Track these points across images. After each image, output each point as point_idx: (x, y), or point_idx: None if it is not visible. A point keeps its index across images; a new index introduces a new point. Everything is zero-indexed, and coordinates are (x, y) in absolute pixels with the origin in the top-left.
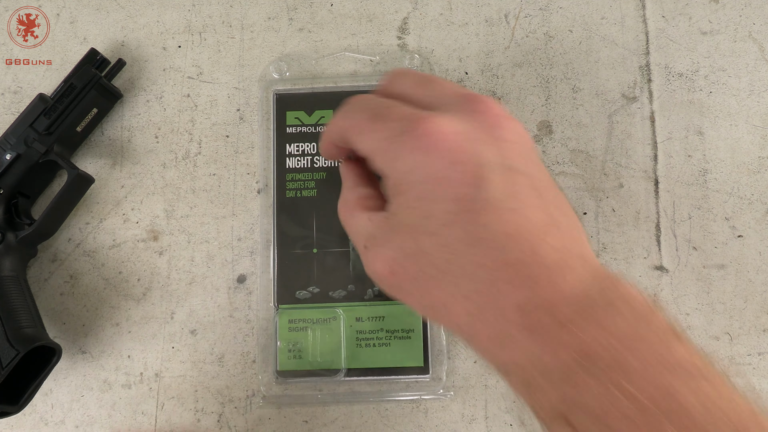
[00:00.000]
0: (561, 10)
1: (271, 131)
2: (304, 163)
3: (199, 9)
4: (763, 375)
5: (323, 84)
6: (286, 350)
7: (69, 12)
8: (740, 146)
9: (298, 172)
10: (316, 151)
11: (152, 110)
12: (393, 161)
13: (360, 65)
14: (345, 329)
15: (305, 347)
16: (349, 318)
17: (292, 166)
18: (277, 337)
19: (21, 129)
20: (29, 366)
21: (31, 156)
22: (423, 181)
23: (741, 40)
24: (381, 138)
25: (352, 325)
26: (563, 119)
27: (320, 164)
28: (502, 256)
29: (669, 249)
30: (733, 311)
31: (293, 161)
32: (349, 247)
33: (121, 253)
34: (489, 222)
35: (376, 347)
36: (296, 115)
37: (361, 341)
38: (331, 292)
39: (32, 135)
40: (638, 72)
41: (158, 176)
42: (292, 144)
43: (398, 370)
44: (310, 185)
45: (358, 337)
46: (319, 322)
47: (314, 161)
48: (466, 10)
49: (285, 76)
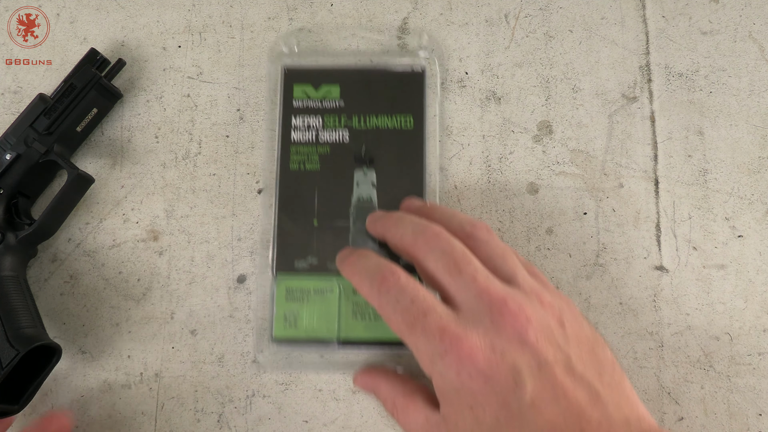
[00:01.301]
0: (561, 10)
1: (278, 105)
2: (309, 137)
3: (199, 9)
4: (763, 375)
5: (332, 60)
6: (282, 318)
7: (69, 12)
8: (740, 146)
9: (302, 145)
10: (321, 125)
11: (152, 110)
12: (438, 374)
13: (371, 44)
14: (341, 301)
15: (301, 316)
16: (347, 290)
17: (297, 140)
18: (273, 305)
19: (21, 129)
20: (29, 366)
21: (31, 156)
22: (470, 394)
23: (741, 40)
24: (423, 350)
25: (349, 297)
26: (563, 119)
27: (324, 139)
28: None
29: (669, 249)
30: (733, 311)
31: (298, 134)
32: (349, 221)
33: (121, 253)
34: (534, 417)
35: (371, 320)
36: (303, 88)
37: (357, 313)
38: (329, 263)
39: (32, 135)
40: (638, 72)
41: (158, 176)
42: (297, 117)
43: (392, 344)
44: (314, 159)
45: (354, 309)
46: (317, 293)
47: (319, 136)
48: (466, 10)
49: (294, 51)
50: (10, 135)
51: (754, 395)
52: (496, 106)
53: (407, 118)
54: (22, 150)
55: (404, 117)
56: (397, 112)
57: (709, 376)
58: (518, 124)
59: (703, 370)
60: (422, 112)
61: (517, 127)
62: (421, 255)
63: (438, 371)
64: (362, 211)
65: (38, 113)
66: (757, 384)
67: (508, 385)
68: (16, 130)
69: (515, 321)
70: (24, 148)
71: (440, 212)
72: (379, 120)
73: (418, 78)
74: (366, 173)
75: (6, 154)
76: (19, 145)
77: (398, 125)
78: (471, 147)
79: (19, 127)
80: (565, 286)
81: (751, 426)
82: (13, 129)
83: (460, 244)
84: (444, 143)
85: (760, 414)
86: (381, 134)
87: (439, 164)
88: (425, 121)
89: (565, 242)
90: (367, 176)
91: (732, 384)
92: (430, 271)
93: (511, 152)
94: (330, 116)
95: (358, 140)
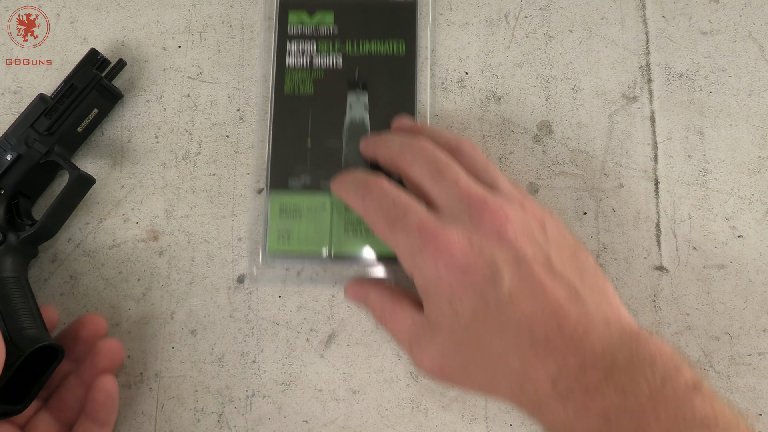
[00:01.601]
0: (561, 10)
1: (273, 31)
2: (303, 62)
3: (199, 9)
4: (763, 375)
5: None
6: (275, 233)
7: (69, 12)
8: (740, 146)
9: (297, 70)
10: (315, 50)
11: (152, 110)
12: (417, 269)
13: None
14: (334, 217)
15: (294, 231)
16: (339, 207)
17: (292, 64)
18: (268, 220)
19: (21, 129)
20: (32, 366)
21: (31, 156)
22: (448, 287)
23: (741, 40)
24: (402, 247)
25: (341, 214)
26: (563, 119)
27: (318, 64)
28: (528, 337)
29: (669, 249)
30: (733, 311)
31: (293, 59)
32: (342, 142)
33: (121, 253)
34: (511, 311)
35: (363, 236)
36: (298, 15)
37: (349, 229)
38: (322, 182)
39: (33, 136)
40: (638, 72)
41: (158, 176)
42: (292, 42)
43: (383, 259)
44: (308, 83)
45: (346, 225)
46: (309, 210)
47: (313, 61)
48: (466, 10)
49: None
50: (11, 135)
51: (754, 395)
52: (496, 106)
53: (399, 44)
54: (23, 150)
55: (396, 42)
56: (390, 37)
57: (709, 376)
58: (518, 124)
59: (703, 370)
60: (414, 38)
61: (517, 127)
62: (407, 164)
63: (417, 267)
64: (355, 132)
65: (39, 114)
66: (757, 384)
67: (485, 278)
68: (16, 130)
69: (494, 218)
70: (25, 148)
71: (428, 130)
72: (371, 45)
73: (410, 7)
74: (359, 97)
75: (6, 155)
76: (20, 145)
77: (390, 51)
78: None
79: (19, 127)
80: None
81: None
82: (14, 129)
83: (445, 154)
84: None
85: (760, 414)
86: (374, 59)
87: (429, 88)
88: (417, 46)
89: None
90: (359, 99)
91: (732, 384)
92: (415, 179)
93: (511, 152)
94: (324, 42)
95: (352, 65)
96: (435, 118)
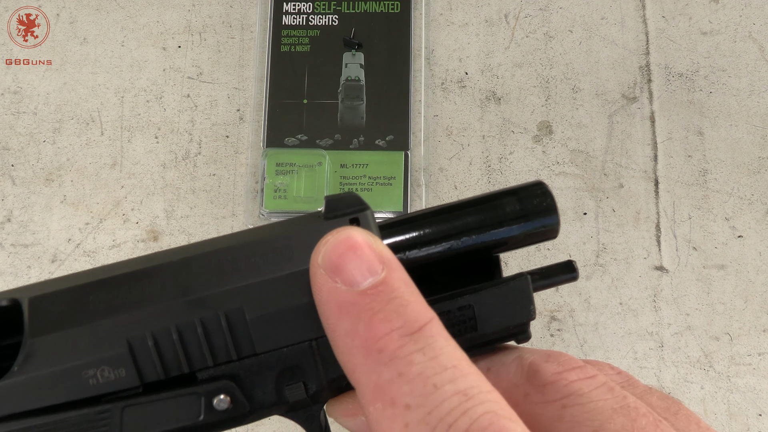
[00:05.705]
0: (561, 10)
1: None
2: (299, 21)
3: (199, 9)
4: (763, 375)
5: None
6: (272, 190)
7: (69, 12)
8: (740, 146)
9: (293, 29)
10: (312, 10)
11: (152, 110)
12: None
13: None
14: (329, 173)
15: (290, 188)
16: (334, 163)
17: (288, 23)
18: (264, 177)
19: None
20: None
21: None
22: None
23: (741, 40)
24: None
25: (337, 170)
26: (563, 119)
27: (314, 23)
28: None
29: (669, 249)
30: (733, 311)
31: (289, 18)
32: (337, 99)
33: (121, 253)
34: None
35: (358, 192)
36: None
37: (344, 185)
38: (318, 140)
39: None
40: (638, 72)
41: (158, 176)
42: (289, 2)
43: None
44: (305, 41)
45: (341, 181)
46: (306, 166)
47: (309, 20)
48: (466, 10)
49: None
50: None
51: (754, 395)
52: (496, 107)
53: (394, 2)
54: None
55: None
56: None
57: (709, 376)
58: (518, 125)
59: (703, 370)
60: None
61: (517, 128)
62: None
63: None
64: (350, 89)
65: None
66: (757, 384)
67: None
68: None
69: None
70: None
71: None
72: (367, 4)
73: None
74: (354, 55)
75: None
76: None
77: (386, 8)
78: (471, 147)
79: None
80: (565, 287)
81: (751, 426)
82: None
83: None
84: (433, 69)
85: (760, 414)
86: (369, 18)
87: (424, 45)
88: (412, 3)
89: (565, 242)
90: (355, 57)
91: (732, 384)
92: None
93: (511, 152)
94: (320, 1)
95: (347, 24)
96: (435, 118)
